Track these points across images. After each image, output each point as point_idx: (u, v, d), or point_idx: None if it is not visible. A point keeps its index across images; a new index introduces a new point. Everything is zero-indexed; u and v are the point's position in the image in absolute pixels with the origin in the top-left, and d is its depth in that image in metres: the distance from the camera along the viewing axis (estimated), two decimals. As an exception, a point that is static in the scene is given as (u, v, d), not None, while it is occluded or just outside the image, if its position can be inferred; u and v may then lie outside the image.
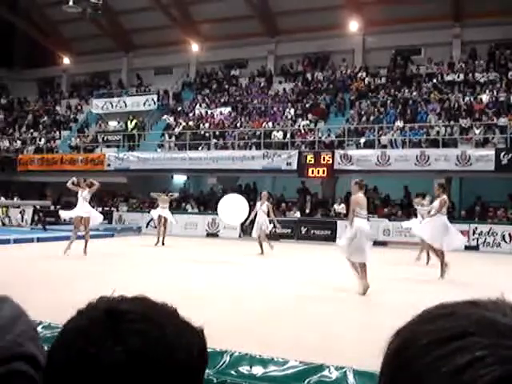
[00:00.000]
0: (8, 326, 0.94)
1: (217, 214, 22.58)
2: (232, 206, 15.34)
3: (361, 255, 10.05)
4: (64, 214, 18.51)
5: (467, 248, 20.84)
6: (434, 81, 27.15)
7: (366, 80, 28.89)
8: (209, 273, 12.75)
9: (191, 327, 0.89)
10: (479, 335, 0.63)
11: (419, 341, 0.67)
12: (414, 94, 26.70)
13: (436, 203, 13.23)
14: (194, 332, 0.88)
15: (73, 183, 16.53)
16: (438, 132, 23.56)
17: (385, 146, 23.87)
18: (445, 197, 13.16)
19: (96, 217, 16.74)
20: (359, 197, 10.37)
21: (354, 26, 29.89)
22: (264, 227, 17.74)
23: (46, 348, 2.49)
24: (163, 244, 19.82)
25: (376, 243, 21.87)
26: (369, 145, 24.21)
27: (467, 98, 25.15)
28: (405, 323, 0.73)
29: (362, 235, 10.13)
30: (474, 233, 21.33)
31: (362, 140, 24.58)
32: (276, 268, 14.04)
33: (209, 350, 2.60)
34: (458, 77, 26.74)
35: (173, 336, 0.83)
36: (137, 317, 0.83)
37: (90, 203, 16.57)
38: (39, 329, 2.71)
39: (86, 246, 15.35)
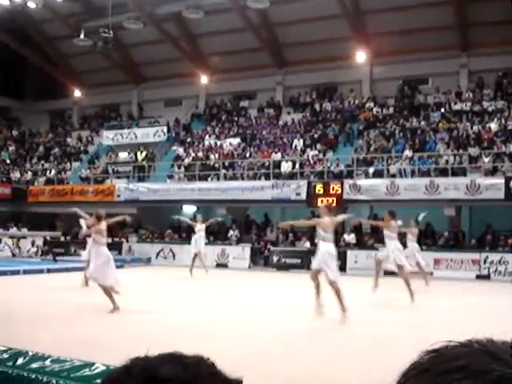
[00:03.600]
0: None
1: (226, 244, 22.63)
2: None
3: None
4: None
5: (478, 277, 20.72)
6: (442, 110, 27.24)
7: (374, 110, 29.01)
8: (218, 304, 12.70)
9: (227, 380, 0.84)
10: None
11: None
12: (422, 123, 26.77)
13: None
14: None
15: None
16: (446, 161, 23.55)
17: (394, 176, 23.86)
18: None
19: None
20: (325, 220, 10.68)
21: (361, 56, 30.13)
22: None
23: (54, 382, 2.50)
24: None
25: (387, 273, 21.85)
26: (378, 174, 24.21)
27: (475, 127, 25.18)
28: (412, 365, 0.69)
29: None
30: (485, 262, 21.15)
31: (371, 170, 24.59)
32: (285, 299, 13.97)
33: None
34: (466, 106, 26.82)
35: None
36: None
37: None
38: (47, 363, 2.72)
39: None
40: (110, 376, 0.82)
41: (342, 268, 22.56)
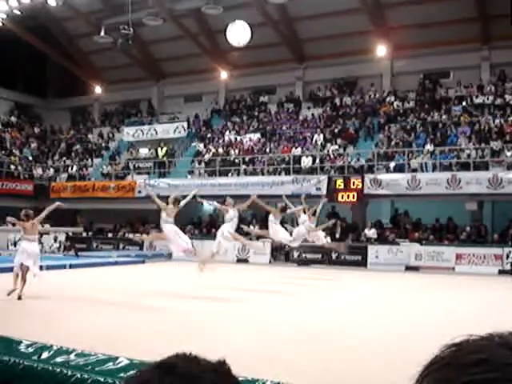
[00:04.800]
0: None
1: (246, 239, 22.62)
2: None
3: None
4: None
5: (501, 272, 20.53)
6: (464, 104, 26.99)
7: (395, 104, 28.84)
8: (236, 300, 12.73)
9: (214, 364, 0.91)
10: None
11: None
12: (444, 117, 26.55)
13: None
14: None
15: None
16: (468, 155, 23.35)
17: (415, 170, 23.71)
18: None
19: None
20: None
21: (381, 50, 29.96)
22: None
23: (78, 375, 2.52)
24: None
25: (408, 268, 21.77)
26: (398, 169, 24.08)
27: (497, 120, 24.92)
28: (433, 359, 0.70)
29: None
30: (507, 257, 20.94)
31: (392, 164, 24.46)
32: (306, 295, 13.96)
33: (240, 379, 2.62)
34: (488, 99, 26.55)
35: None
36: None
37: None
38: (72, 357, 2.75)
39: None
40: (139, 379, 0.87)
41: (364, 263, 22.54)
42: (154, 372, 0.86)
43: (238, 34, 16.82)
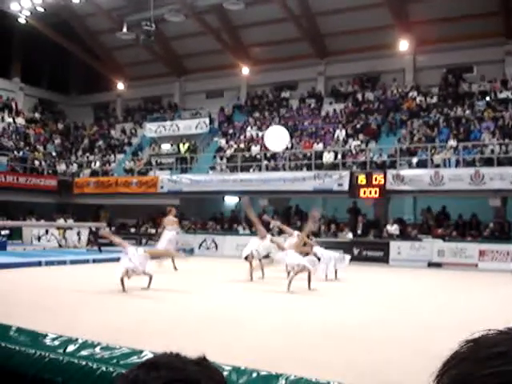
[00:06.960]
0: None
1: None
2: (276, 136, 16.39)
3: None
4: None
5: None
6: (487, 98, 26.68)
7: (418, 99, 28.60)
8: (255, 296, 12.76)
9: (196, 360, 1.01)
10: None
11: None
12: (467, 112, 26.28)
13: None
14: None
15: None
16: (492, 150, 23.10)
17: (438, 166, 23.51)
18: None
19: None
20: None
21: (404, 45, 29.71)
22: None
23: (104, 369, 2.56)
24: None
25: (430, 264, 21.63)
26: (421, 164, 23.88)
27: (522, 116, 24.63)
28: (452, 354, 0.71)
29: None
30: (532, 254, 20.69)
31: (415, 160, 24.28)
32: (328, 290, 13.93)
33: (264, 374, 2.65)
34: (512, 94, 26.25)
35: None
36: None
37: None
38: (97, 350, 2.79)
39: None
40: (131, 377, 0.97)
41: (386, 259, 22.44)
42: (140, 370, 0.97)
43: (277, 139, 16.63)
